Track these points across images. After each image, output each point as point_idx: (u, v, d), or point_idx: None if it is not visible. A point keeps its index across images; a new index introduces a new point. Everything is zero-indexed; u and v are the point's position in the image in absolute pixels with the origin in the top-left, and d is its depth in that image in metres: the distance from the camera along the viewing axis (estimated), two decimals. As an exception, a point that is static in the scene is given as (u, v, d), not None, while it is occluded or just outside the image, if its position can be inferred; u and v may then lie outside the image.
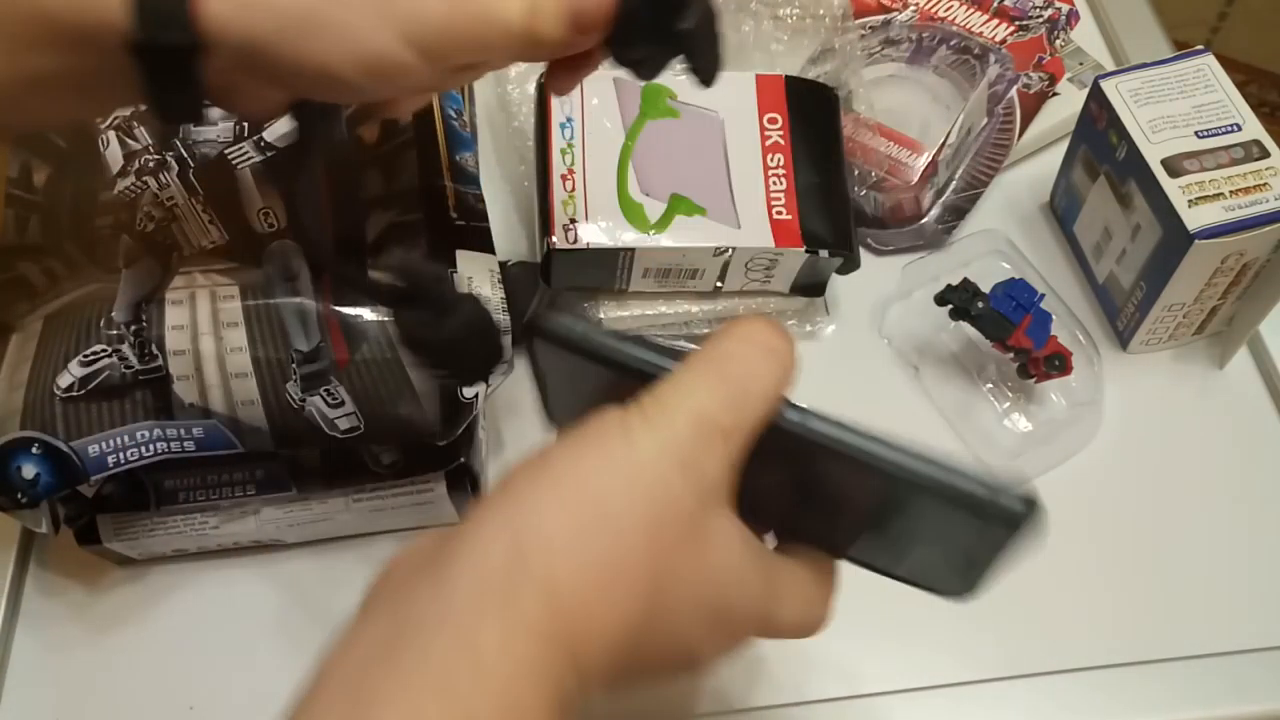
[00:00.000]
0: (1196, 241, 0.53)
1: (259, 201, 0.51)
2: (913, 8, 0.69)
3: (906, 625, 0.53)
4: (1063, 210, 0.66)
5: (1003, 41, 0.67)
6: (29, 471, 0.46)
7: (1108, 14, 0.76)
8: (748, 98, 0.61)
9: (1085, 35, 0.74)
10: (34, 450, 0.46)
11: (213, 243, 0.50)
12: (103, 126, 0.53)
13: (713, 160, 0.59)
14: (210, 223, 0.51)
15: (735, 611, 0.34)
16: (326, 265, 0.46)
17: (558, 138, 0.58)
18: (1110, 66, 0.73)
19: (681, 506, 0.31)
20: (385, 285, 0.43)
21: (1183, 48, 0.62)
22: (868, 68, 0.68)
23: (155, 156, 0.52)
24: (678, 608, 0.32)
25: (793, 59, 0.70)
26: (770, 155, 0.59)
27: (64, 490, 0.47)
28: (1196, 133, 0.56)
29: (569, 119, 0.59)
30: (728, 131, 0.60)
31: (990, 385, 0.60)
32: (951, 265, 0.61)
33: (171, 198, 0.51)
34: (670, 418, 0.31)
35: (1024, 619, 0.53)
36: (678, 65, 0.42)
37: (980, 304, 0.57)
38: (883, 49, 0.69)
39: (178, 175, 0.52)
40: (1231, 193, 0.54)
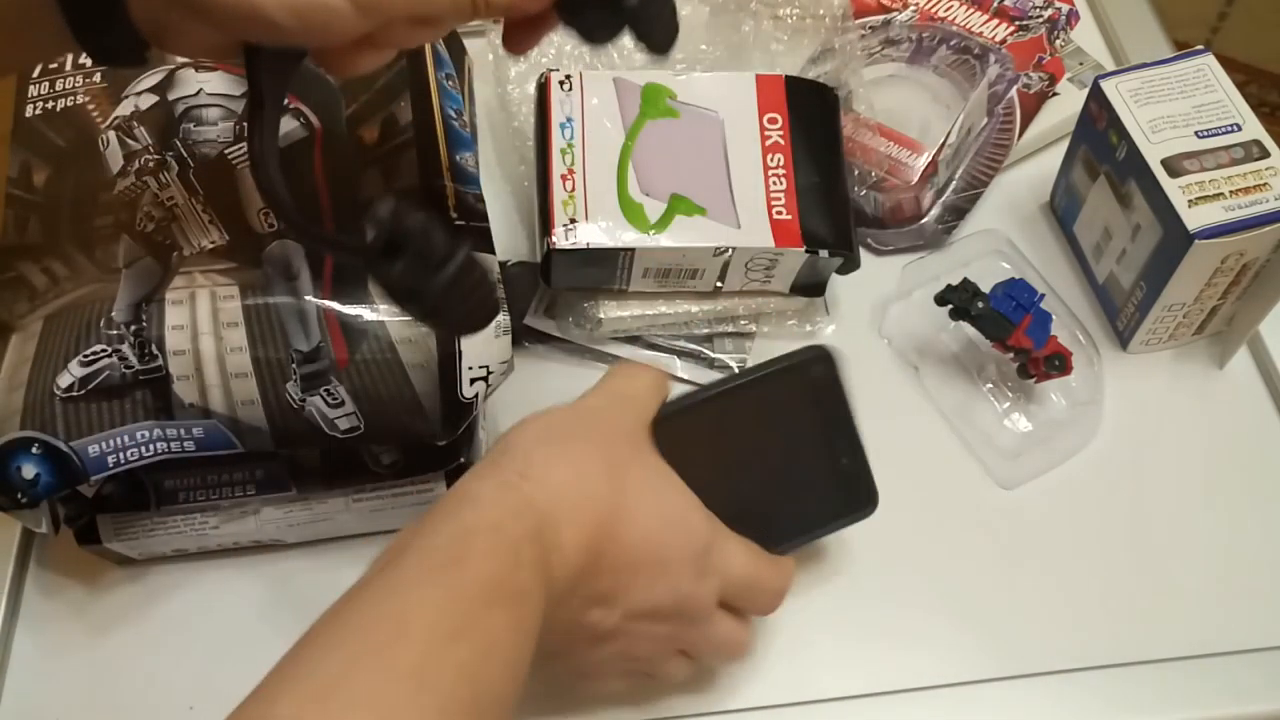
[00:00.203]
0: (1196, 241, 0.53)
1: (259, 201, 0.51)
2: (913, 8, 0.69)
3: (905, 625, 0.53)
4: (1063, 210, 0.66)
5: (1003, 41, 0.67)
6: (29, 471, 0.46)
7: (1108, 14, 0.76)
8: (748, 98, 0.61)
9: (1085, 35, 0.74)
10: (34, 450, 0.46)
11: (213, 243, 0.50)
12: (103, 126, 0.53)
13: (713, 160, 0.59)
14: (210, 223, 0.51)
15: (689, 520, 0.44)
16: (292, 226, 0.44)
17: (558, 138, 0.58)
18: (1110, 66, 0.73)
19: (620, 427, 0.44)
20: (365, 241, 0.39)
21: (1183, 48, 0.62)
22: (868, 68, 0.68)
23: (155, 156, 0.52)
24: (636, 504, 0.42)
25: (793, 59, 0.70)
26: (770, 155, 0.59)
27: (64, 490, 0.47)
28: (1196, 133, 0.56)
29: (569, 119, 0.59)
30: (728, 131, 0.60)
31: (990, 385, 0.60)
32: (951, 265, 0.62)
33: (171, 198, 0.51)
34: (595, 390, 0.46)
35: (1023, 619, 0.53)
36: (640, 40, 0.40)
37: (980, 304, 0.57)
38: (883, 49, 0.69)
39: (178, 175, 0.52)
40: (1231, 193, 0.54)
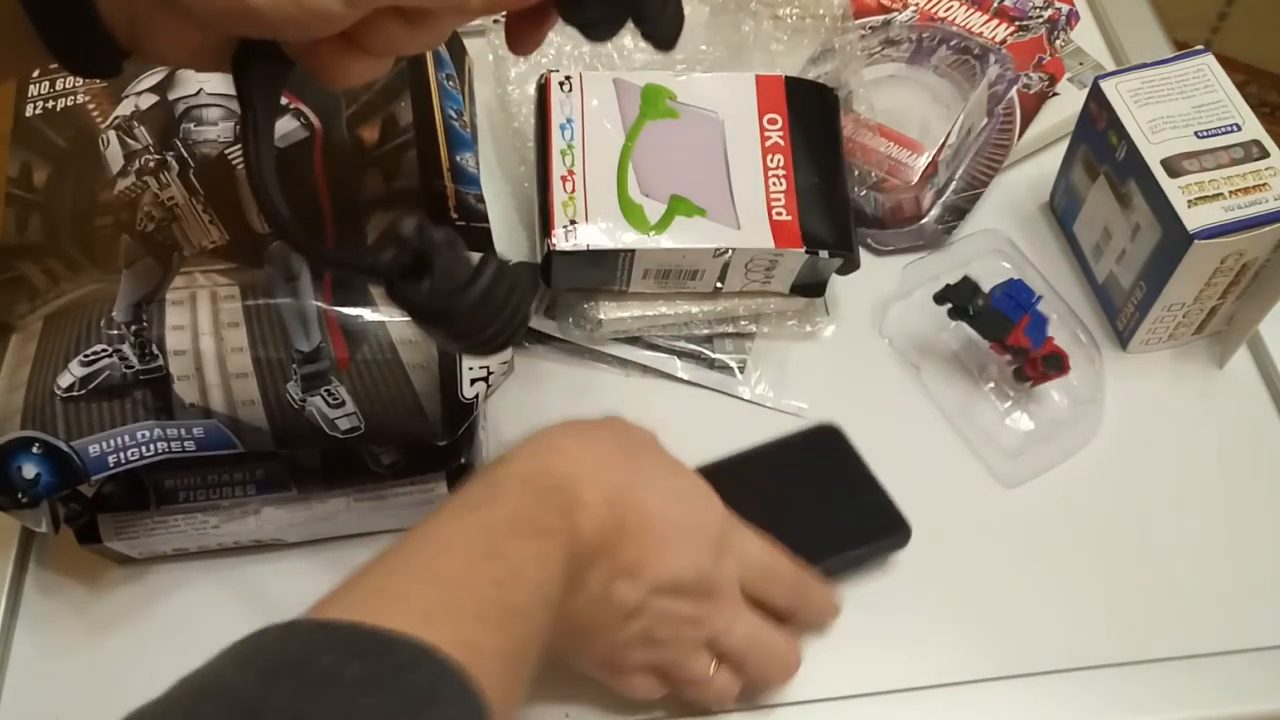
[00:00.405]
0: (1196, 241, 0.53)
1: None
2: (913, 8, 0.69)
3: (905, 625, 0.53)
4: (1062, 210, 0.66)
5: (1003, 42, 0.67)
6: (29, 471, 0.46)
7: (1108, 14, 0.76)
8: (747, 98, 0.61)
9: (1085, 35, 0.74)
10: (34, 450, 0.46)
11: (213, 243, 0.50)
12: (103, 126, 0.53)
13: (713, 161, 0.59)
14: (211, 223, 0.51)
15: (704, 501, 0.47)
16: (294, 243, 0.41)
17: (558, 139, 0.58)
18: (1110, 66, 0.73)
19: (632, 429, 0.49)
20: (383, 259, 0.37)
21: (1183, 48, 0.62)
22: (868, 68, 0.68)
23: (156, 156, 0.52)
24: (653, 481, 0.46)
25: (793, 59, 0.70)
26: (770, 156, 0.59)
27: (64, 490, 0.47)
28: (1196, 133, 0.56)
29: (569, 120, 0.59)
30: (727, 132, 0.60)
31: (991, 384, 0.60)
32: (952, 265, 0.61)
33: (172, 198, 0.51)
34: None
35: (1023, 618, 0.53)
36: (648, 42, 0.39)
37: (980, 300, 0.57)
38: (883, 49, 0.69)
39: (178, 175, 0.52)
40: (1231, 193, 0.54)
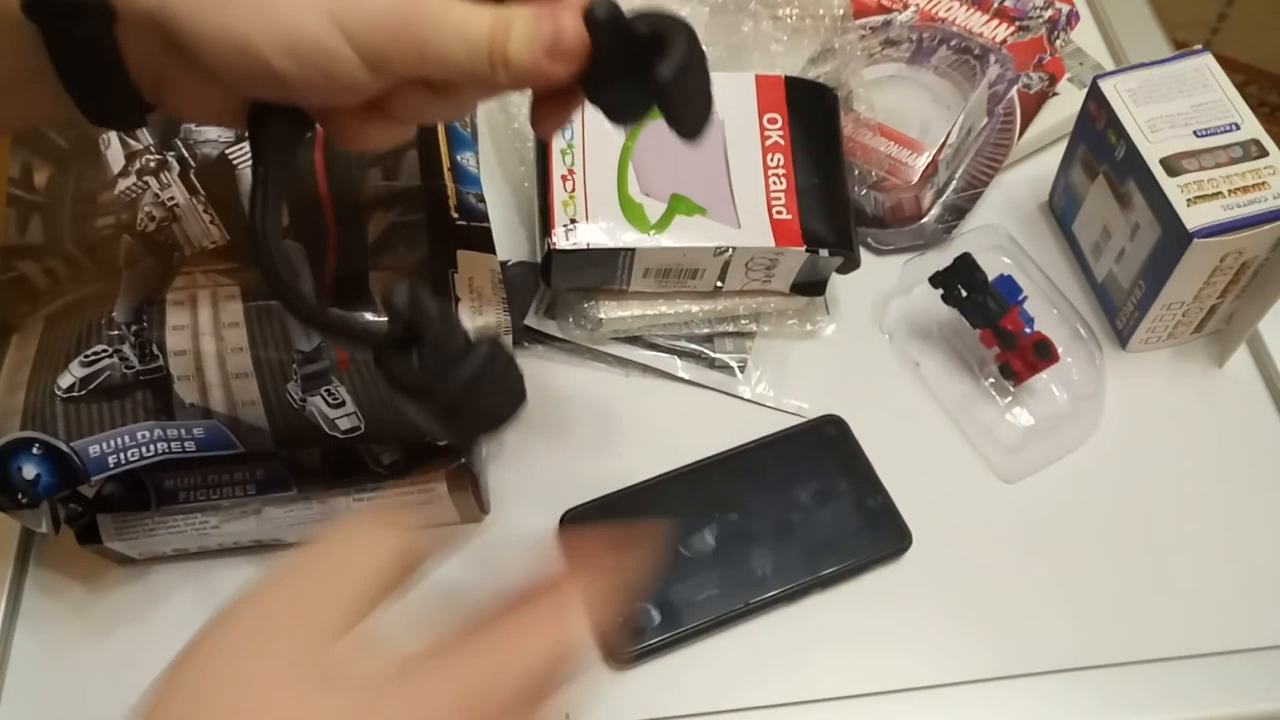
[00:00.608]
0: (1195, 240, 0.53)
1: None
2: (913, 8, 0.69)
3: (904, 626, 0.53)
4: (1062, 209, 0.66)
5: (1003, 42, 0.67)
6: (29, 472, 0.46)
7: (1108, 14, 0.76)
8: (747, 98, 0.61)
9: (1085, 35, 0.74)
10: (34, 450, 0.46)
11: (214, 243, 0.50)
12: (103, 127, 0.54)
13: (713, 160, 0.59)
14: (211, 223, 0.51)
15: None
16: (294, 309, 0.39)
17: (558, 138, 0.58)
18: (1110, 67, 0.73)
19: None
20: (375, 327, 0.36)
21: (1182, 48, 0.62)
22: (868, 68, 0.68)
23: (156, 156, 0.52)
24: None
25: (793, 59, 0.70)
26: (770, 155, 0.59)
27: (64, 490, 0.47)
28: (1195, 132, 0.56)
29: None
30: (728, 132, 0.60)
31: (991, 380, 0.60)
32: (952, 261, 0.61)
33: (172, 198, 0.51)
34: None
35: (1022, 618, 0.53)
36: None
37: (978, 276, 0.57)
38: (883, 49, 0.69)
39: (179, 175, 0.52)
40: (1230, 192, 0.54)
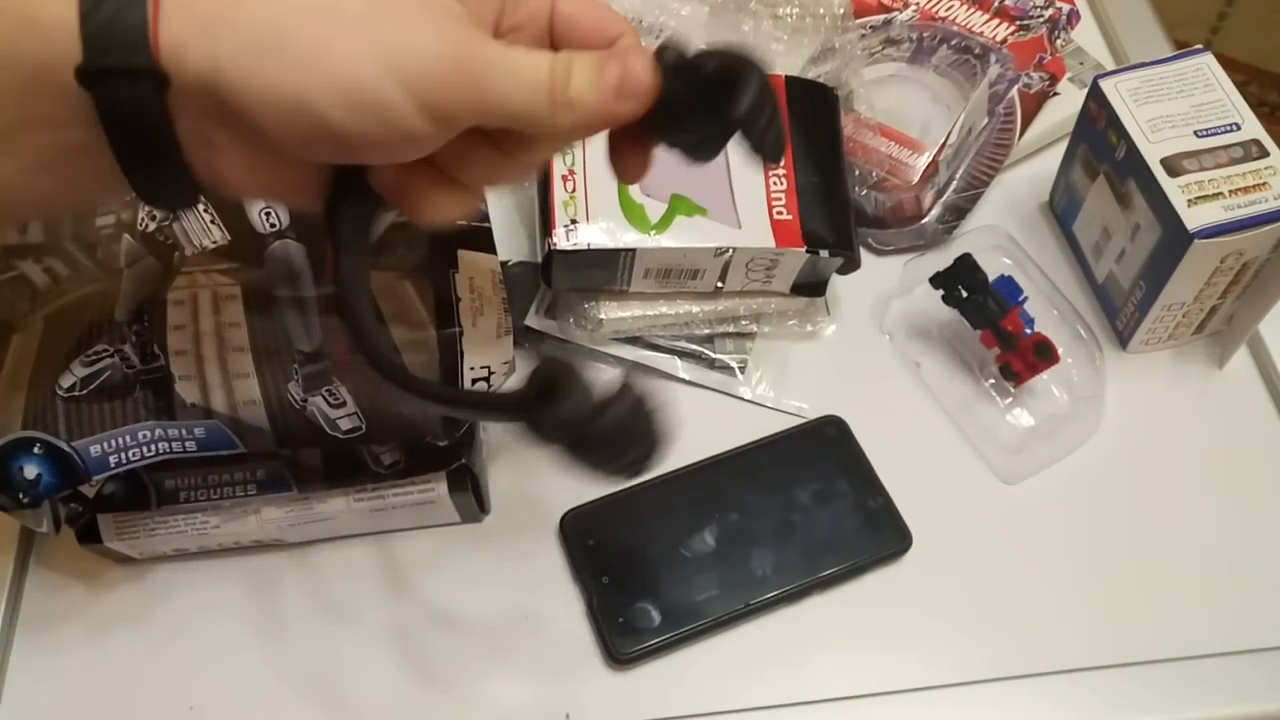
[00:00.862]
0: (1196, 241, 0.53)
1: (260, 201, 0.51)
2: (913, 7, 0.69)
3: (904, 626, 0.53)
4: (1062, 210, 0.66)
5: (1003, 41, 0.67)
6: (30, 471, 0.46)
7: (1108, 14, 0.76)
8: (748, 98, 0.61)
9: (1086, 35, 0.74)
10: (35, 450, 0.46)
11: (214, 242, 0.50)
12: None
13: (713, 160, 0.59)
14: (212, 222, 0.51)
15: None
16: (415, 390, 0.39)
17: (558, 138, 0.58)
18: (1111, 66, 0.73)
19: None
20: (509, 395, 0.37)
21: (1182, 47, 0.62)
22: (868, 68, 0.68)
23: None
24: None
25: (793, 59, 0.70)
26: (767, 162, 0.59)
27: (65, 490, 0.47)
28: (1196, 132, 0.56)
29: (569, 119, 0.59)
30: (728, 131, 0.60)
31: (992, 381, 0.60)
32: (952, 261, 0.62)
33: (172, 198, 0.51)
34: None
35: (1022, 619, 0.53)
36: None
37: (979, 276, 0.57)
38: (883, 49, 0.69)
39: (179, 175, 0.52)
40: (1231, 192, 0.54)
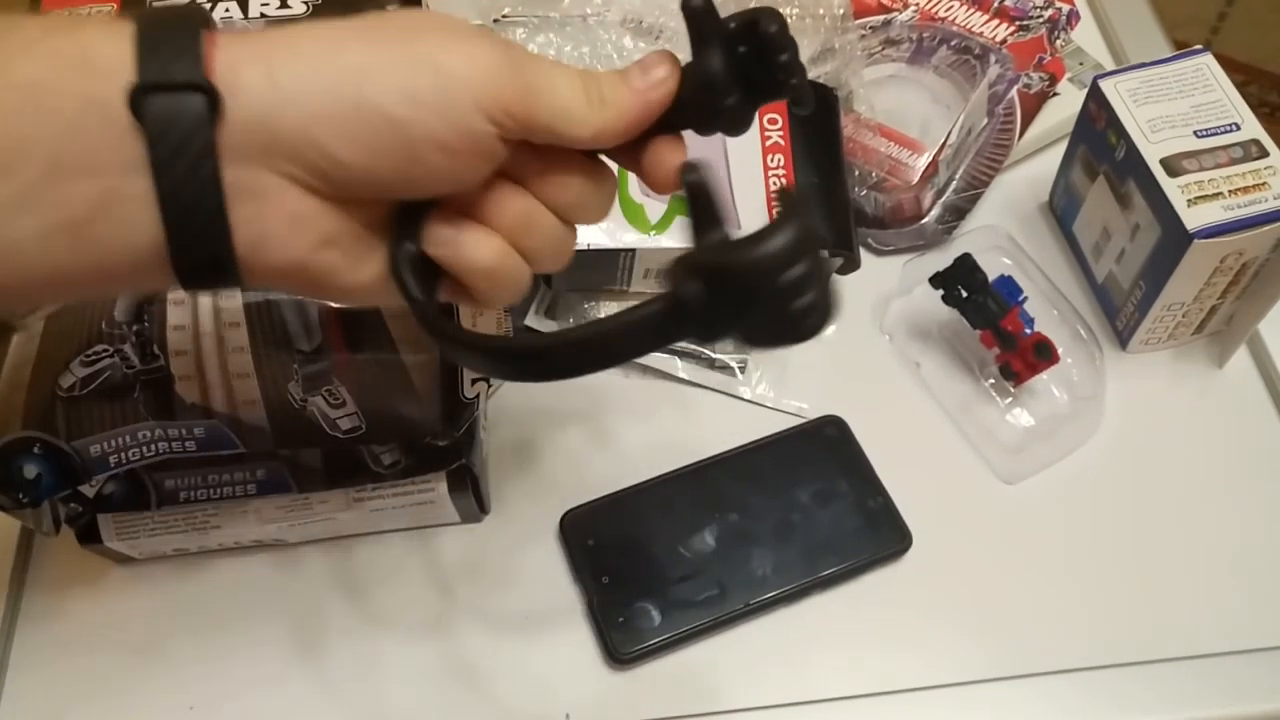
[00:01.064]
0: (1196, 241, 0.53)
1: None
2: (913, 8, 0.69)
3: (904, 626, 0.53)
4: (1062, 210, 0.66)
5: (1003, 42, 0.67)
6: (30, 471, 0.46)
7: (1108, 14, 0.76)
8: (748, 98, 0.61)
9: (1085, 35, 0.74)
10: (35, 450, 0.46)
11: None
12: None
13: (713, 160, 0.59)
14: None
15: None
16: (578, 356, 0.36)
17: (558, 138, 0.58)
18: (1110, 66, 0.73)
19: None
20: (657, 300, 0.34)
21: (1182, 48, 0.62)
22: (868, 68, 0.68)
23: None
24: None
25: (793, 59, 0.70)
26: (770, 155, 0.59)
27: (65, 490, 0.47)
28: (1195, 132, 0.56)
29: (569, 119, 0.59)
30: (728, 131, 0.60)
31: (992, 381, 0.60)
32: (952, 261, 0.62)
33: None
34: None
35: (1022, 619, 0.53)
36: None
37: (979, 277, 0.57)
38: (883, 49, 0.69)
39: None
40: (1230, 192, 0.54)
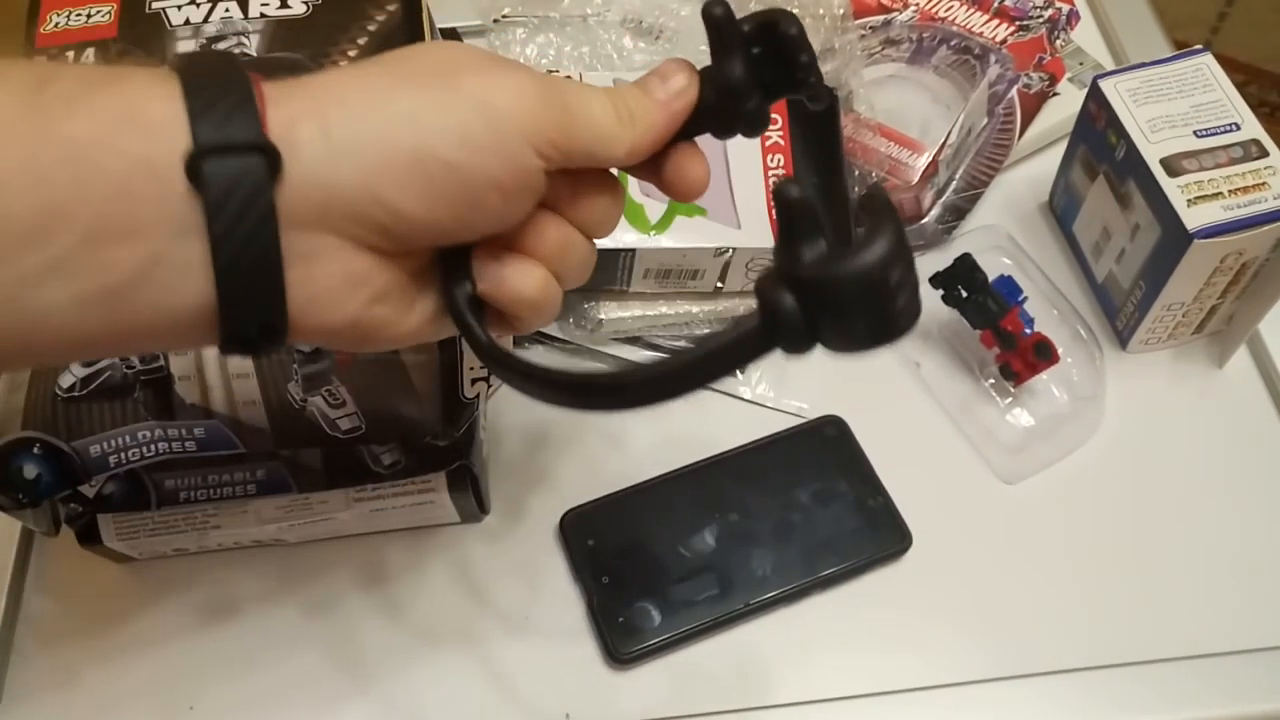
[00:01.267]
0: (1195, 241, 0.53)
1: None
2: (913, 8, 0.69)
3: (904, 626, 0.53)
4: (1062, 210, 0.66)
5: (1003, 42, 0.67)
6: (30, 472, 0.46)
7: (1108, 14, 0.76)
8: (748, 98, 0.61)
9: (1085, 35, 0.74)
10: (35, 450, 0.46)
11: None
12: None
13: (713, 161, 0.59)
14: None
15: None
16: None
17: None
18: (1110, 66, 0.73)
19: None
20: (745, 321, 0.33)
21: (1182, 47, 0.62)
22: (868, 68, 0.68)
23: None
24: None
25: (792, 59, 0.70)
26: (770, 155, 0.59)
27: (65, 490, 0.47)
28: (1195, 132, 0.56)
29: (569, 119, 0.59)
30: (728, 131, 0.60)
31: (992, 381, 0.60)
32: (952, 261, 0.62)
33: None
34: None
35: (1022, 619, 0.53)
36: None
37: (979, 276, 0.57)
38: (883, 49, 0.69)
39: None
40: (1230, 192, 0.54)
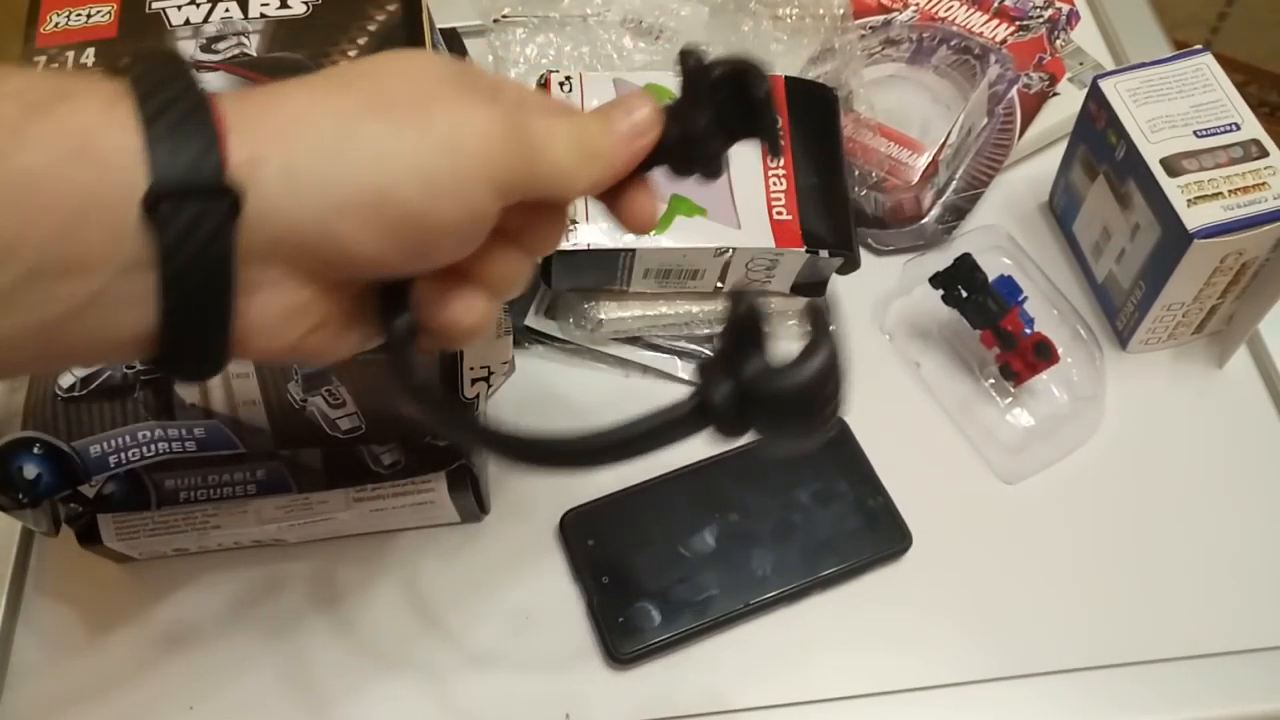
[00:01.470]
0: (1195, 241, 0.53)
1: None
2: (913, 8, 0.69)
3: (904, 626, 0.53)
4: (1062, 210, 0.66)
5: (1003, 41, 0.67)
6: (30, 472, 0.46)
7: (1108, 14, 0.76)
8: (748, 98, 0.61)
9: (1085, 35, 0.74)
10: (35, 450, 0.46)
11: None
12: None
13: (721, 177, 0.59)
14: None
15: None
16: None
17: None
18: (1110, 66, 0.73)
19: None
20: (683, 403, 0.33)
21: (1182, 47, 0.62)
22: (868, 68, 0.68)
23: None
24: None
25: (793, 59, 0.70)
26: (770, 156, 0.59)
27: (65, 490, 0.47)
28: (1195, 132, 0.56)
29: (569, 119, 0.59)
30: (728, 131, 0.60)
31: (992, 381, 0.60)
32: (952, 261, 0.62)
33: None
34: None
35: (1022, 619, 0.53)
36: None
37: (979, 277, 0.57)
38: (883, 49, 0.69)
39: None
40: (1230, 192, 0.54)
